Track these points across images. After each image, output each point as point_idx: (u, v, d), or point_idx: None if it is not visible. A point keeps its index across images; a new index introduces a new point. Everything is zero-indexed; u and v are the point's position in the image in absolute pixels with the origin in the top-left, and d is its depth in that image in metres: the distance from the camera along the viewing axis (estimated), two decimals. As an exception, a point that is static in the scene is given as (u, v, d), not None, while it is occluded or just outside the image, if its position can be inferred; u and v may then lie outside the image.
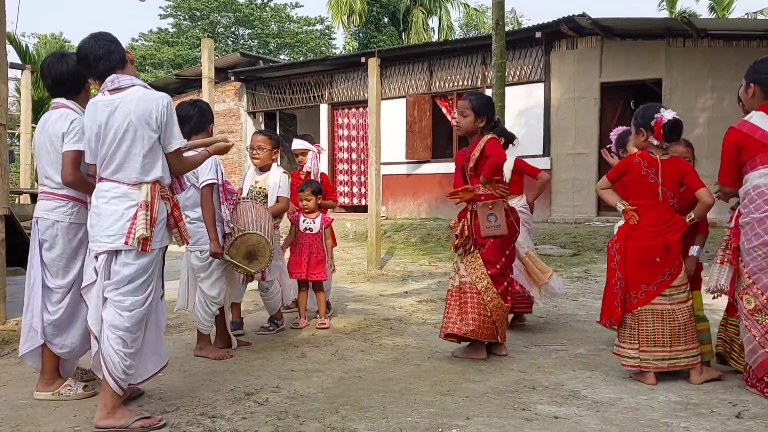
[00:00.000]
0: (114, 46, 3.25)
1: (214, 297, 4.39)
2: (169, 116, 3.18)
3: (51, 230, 3.53)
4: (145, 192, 3.13)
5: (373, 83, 9.26)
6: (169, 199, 3.30)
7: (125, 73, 3.24)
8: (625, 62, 12.50)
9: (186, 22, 35.04)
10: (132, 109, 3.11)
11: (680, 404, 3.52)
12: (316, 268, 5.38)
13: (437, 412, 3.34)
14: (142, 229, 3.07)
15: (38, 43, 24.21)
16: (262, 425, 3.16)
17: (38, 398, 3.52)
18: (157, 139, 3.17)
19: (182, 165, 3.35)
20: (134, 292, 3.13)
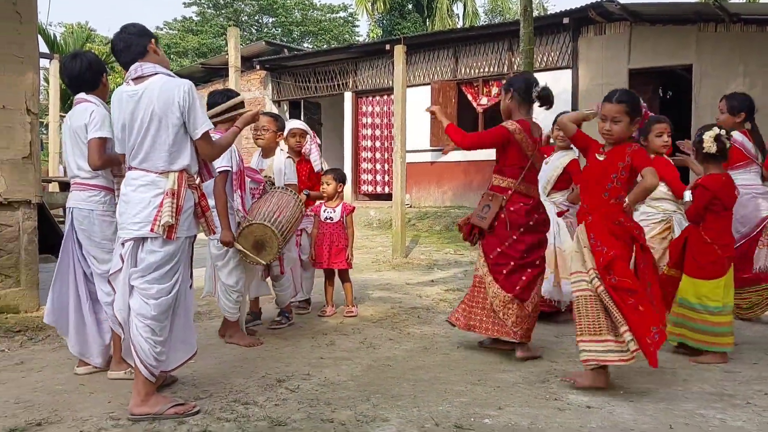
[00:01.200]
0: (134, 38, 3.25)
1: (232, 286, 4.40)
2: (191, 102, 3.16)
3: (88, 219, 3.70)
4: (172, 180, 3.14)
5: (399, 71, 9.21)
6: (197, 188, 3.31)
7: (148, 61, 3.24)
8: (654, 48, 12.29)
9: (210, 11, 35.15)
10: (155, 98, 3.13)
11: (715, 395, 3.47)
12: (338, 257, 5.35)
13: (468, 402, 3.33)
14: (168, 216, 3.08)
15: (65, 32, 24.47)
16: (294, 412, 3.18)
17: (111, 377, 3.69)
18: (183, 126, 3.17)
19: (212, 149, 3.34)
20: (160, 280, 3.14)
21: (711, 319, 4.07)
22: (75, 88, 3.82)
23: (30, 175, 5.28)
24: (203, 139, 3.23)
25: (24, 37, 5.30)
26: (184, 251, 3.25)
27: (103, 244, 3.70)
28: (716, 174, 4.14)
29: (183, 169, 3.19)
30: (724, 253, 4.11)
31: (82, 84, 3.79)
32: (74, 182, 3.76)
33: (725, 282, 4.10)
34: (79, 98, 3.78)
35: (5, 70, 5.15)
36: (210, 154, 3.35)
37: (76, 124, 3.71)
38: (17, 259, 5.22)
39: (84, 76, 3.77)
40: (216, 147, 3.39)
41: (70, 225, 3.77)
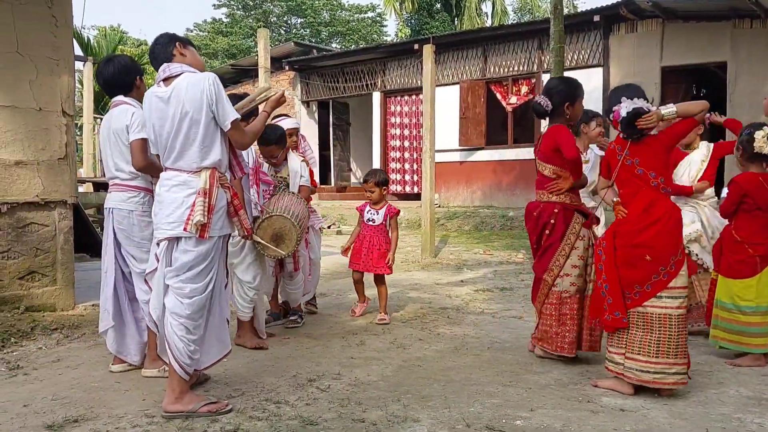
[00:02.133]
0: (160, 48, 3.34)
1: (250, 282, 4.36)
2: (218, 93, 3.18)
3: (128, 220, 3.77)
4: (204, 179, 3.16)
5: (428, 70, 9.19)
6: (229, 188, 3.32)
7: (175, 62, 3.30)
8: (687, 45, 12.09)
9: (239, 12, 35.45)
10: (183, 98, 3.16)
11: (753, 399, 3.40)
12: (379, 261, 5.20)
13: (500, 403, 3.31)
14: (200, 215, 3.10)
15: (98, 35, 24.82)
16: (325, 411, 3.19)
17: (146, 375, 3.75)
18: (213, 119, 3.19)
19: (244, 136, 3.35)
20: (194, 279, 3.17)
21: (743, 319, 4.01)
22: (110, 91, 3.89)
23: (66, 176, 5.38)
24: (234, 128, 3.24)
25: (59, 40, 5.39)
26: (218, 250, 3.27)
27: (143, 243, 3.75)
28: (752, 173, 4.07)
29: (214, 165, 3.21)
30: (755, 252, 4.03)
31: (117, 87, 3.86)
32: (113, 183, 3.83)
33: (758, 282, 4.02)
34: (117, 101, 3.84)
35: (42, 73, 5.26)
36: (242, 142, 3.37)
37: (116, 125, 3.76)
38: (54, 259, 5.32)
39: (118, 79, 3.84)
40: (248, 134, 3.41)
41: (110, 225, 3.82)
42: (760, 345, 3.99)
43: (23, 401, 3.35)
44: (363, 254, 5.25)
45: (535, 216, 4.10)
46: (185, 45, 3.39)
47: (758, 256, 4.02)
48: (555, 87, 4.14)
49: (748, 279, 4.02)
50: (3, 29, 5.09)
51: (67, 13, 5.51)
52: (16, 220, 5.13)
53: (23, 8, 5.18)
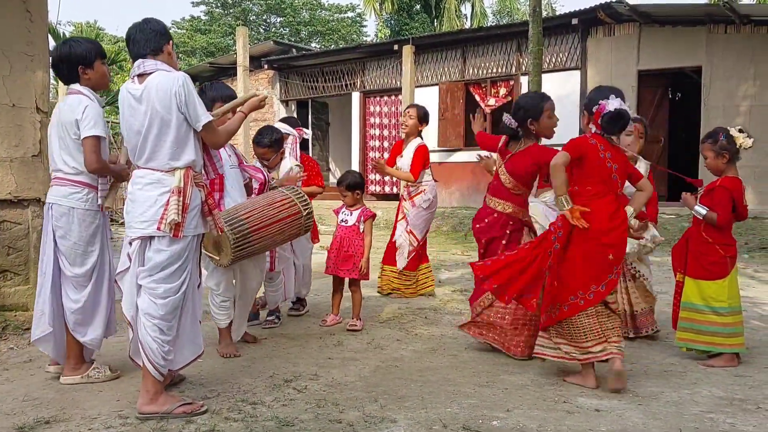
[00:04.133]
0: (153, 34, 3.22)
1: (214, 288, 4.21)
2: (188, 94, 3.11)
3: (66, 217, 3.53)
4: (178, 178, 3.12)
5: (407, 71, 9.22)
6: (204, 187, 3.27)
7: (158, 60, 3.22)
8: (663, 49, 12.25)
9: (218, 10, 35.20)
10: (154, 96, 3.10)
11: (725, 399, 3.45)
12: (345, 263, 4.98)
13: (477, 404, 3.32)
14: (174, 214, 3.06)
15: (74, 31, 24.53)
16: (302, 412, 3.17)
17: (66, 383, 3.55)
18: (185, 120, 3.14)
19: (217, 137, 3.28)
20: (167, 279, 3.13)
21: (719, 320, 4.04)
22: (59, 77, 3.65)
23: (39, 174, 5.29)
24: (206, 130, 3.19)
25: (34, 35, 5.30)
26: (191, 250, 3.23)
27: (78, 245, 3.54)
28: (734, 177, 4.10)
29: (188, 165, 3.16)
30: (726, 253, 4.08)
31: (62, 75, 3.60)
32: (56, 177, 3.58)
33: (729, 282, 4.07)
34: (72, 89, 3.60)
35: (15, 69, 5.16)
36: (216, 142, 3.31)
37: (66, 117, 3.51)
38: (27, 257, 5.22)
39: (58, 65, 3.59)
40: (221, 134, 3.32)
41: (49, 223, 3.59)
42: (734, 345, 4.04)
43: (-7, 402, 3.29)
44: (333, 256, 5.05)
45: (486, 223, 4.39)
46: (173, 46, 3.35)
47: (728, 256, 4.06)
48: (516, 106, 4.30)
49: (720, 280, 4.06)
50: (-24, 23, 4.99)
51: (42, 8, 5.41)
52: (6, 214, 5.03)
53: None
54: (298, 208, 4.21)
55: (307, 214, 4.26)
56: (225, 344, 4.25)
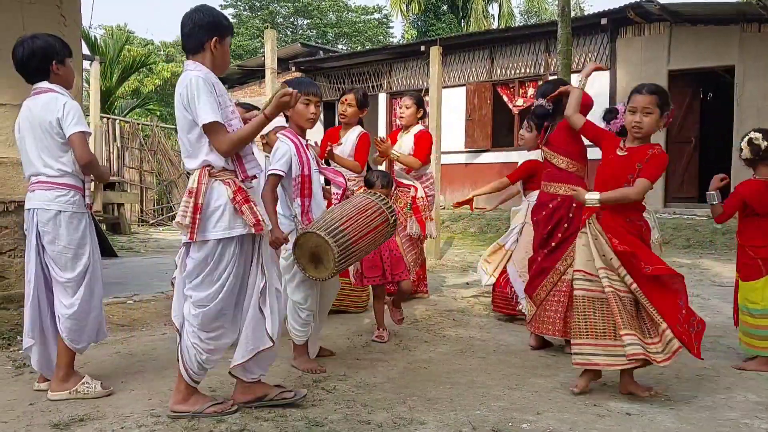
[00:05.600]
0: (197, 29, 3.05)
1: (300, 302, 3.89)
2: (190, 95, 2.95)
3: (53, 221, 3.37)
4: (193, 178, 3.01)
5: (435, 72, 9.19)
6: (231, 183, 3.03)
7: (198, 60, 3.07)
8: (695, 49, 12.06)
9: (246, 13, 35.51)
10: (178, 95, 3.03)
11: (761, 404, 3.39)
12: (398, 266, 4.62)
13: (506, 406, 3.30)
14: (180, 215, 2.95)
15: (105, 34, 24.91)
16: (331, 413, 3.18)
17: (53, 399, 3.33)
18: (193, 121, 2.99)
19: (218, 142, 2.98)
20: (198, 288, 3.04)
21: (752, 322, 4.04)
22: (26, 76, 3.44)
23: (73, 175, 5.38)
24: (207, 132, 2.97)
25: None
26: (223, 255, 3.02)
27: (68, 249, 3.38)
28: (754, 180, 4.12)
29: (205, 164, 3.01)
30: (756, 255, 4.06)
31: (31, 73, 3.41)
32: (37, 181, 3.39)
33: (764, 284, 4.02)
34: (40, 87, 3.40)
35: (50, 72, 5.26)
36: (219, 149, 3.00)
37: (43, 117, 3.32)
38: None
39: (29, 64, 3.38)
40: (225, 142, 2.99)
41: (34, 229, 3.42)
42: (766, 348, 3.99)
43: (29, 400, 3.35)
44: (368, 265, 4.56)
45: (551, 208, 4.30)
46: (222, 41, 3.14)
47: (760, 258, 4.04)
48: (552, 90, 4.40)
49: (754, 282, 4.05)
50: (12, 29, 5.09)
51: (75, 13, 5.53)
52: (23, 218, 5.11)
53: (32, 8, 5.19)
54: (386, 216, 3.81)
55: (393, 222, 3.87)
56: (303, 360, 3.96)
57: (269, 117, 3.08)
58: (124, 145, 15.30)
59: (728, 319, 5.24)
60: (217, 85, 3.03)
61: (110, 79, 18.80)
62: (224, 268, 3.04)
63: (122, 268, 7.85)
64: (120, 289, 5.89)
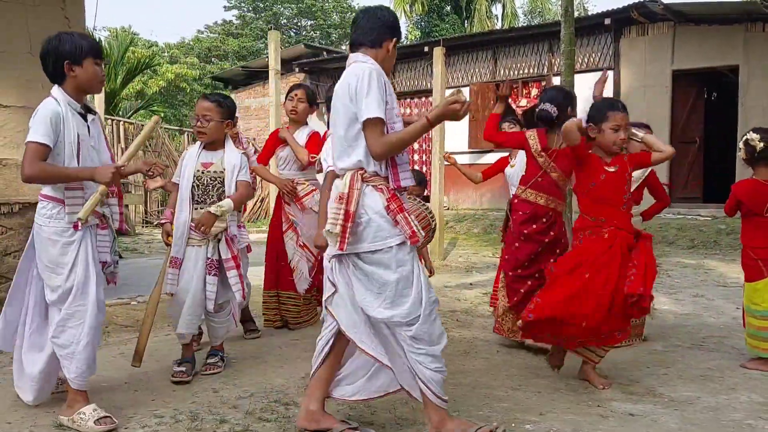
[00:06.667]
0: (377, 28, 2.94)
1: None
2: (359, 87, 2.74)
3: (36, 236, 3.13)
4: (344, 183, 2.78)
5: (438, 73, 9.19)
6: (385, 189, 2.80)
7: (368, 53, 2.92)
8: (699, 49, 12.03)
9: (250, 14, 35.53)
10: (340, 89, 2.86)
11: (764, 405, 3.38)
12: None
13: (510, 407, 3.30)
14: (330, 224, 2.73)
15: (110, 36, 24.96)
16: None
17: (62, 423, 3.08)
18: (355, 116, 2.79)
19: (373, 142, 2.74)
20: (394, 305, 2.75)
21: (756, 323, 4.04)
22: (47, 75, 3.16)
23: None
24: (366, 130, 2.75)
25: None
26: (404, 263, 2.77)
27: (49, 267, 3.07)
28: (750, 179, 4.16)
29: (356, 167, 2.80)
30: (756, 256, 4.06)
31: (46, 72, 3.14)
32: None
33: (765, 285, 4.01)
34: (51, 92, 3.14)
35: (54, 74, 5.28)
36: (373, 150, 2.76)
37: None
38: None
39: (45, 62, 3.11)
40: (382, 142, 2.76)
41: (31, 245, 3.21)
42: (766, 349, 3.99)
43: (34, 400, 3.36)
44: None
45: (544, 223, 4.17)
46: (397, 43, 3.02)
47: (760, 259, 4.04)
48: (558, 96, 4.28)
49: (757, 282, 4.05)
50: (16, 30, 5.12)
51: (79, 15, 5.54)
52: (27, 220, 5.14)
53: (36, 9, 5.21)
54: (428, 221, 3.72)
55: (433, 228, 3.80)
56: None
57: (433, 123, 2.82)
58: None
59: (732, 319, 5.24)
60: (388, 85, 2.86)
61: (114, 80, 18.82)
62: (411, 274, 2.80)
63: (126, 269, 7.85)
64: (124, 290, 5.89)
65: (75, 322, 3.06)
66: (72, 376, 3.08)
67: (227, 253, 3.83)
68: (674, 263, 8.30)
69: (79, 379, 3.08)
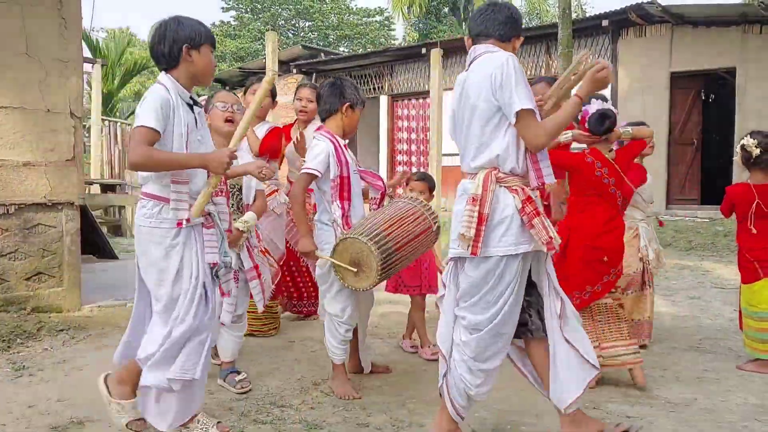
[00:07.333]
0: (497, 24, 2.85)
1: (338, 315, 3.55)
2: (506, 77, 2.64)
3: (138, 238, 2.83)
4: (476, 184, 2.69)
5: (436, 75, 9.18)
6: (520, 190, 2.70)
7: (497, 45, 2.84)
8: (696, 50, 12.05)
9: (247, 15, 35.53)
10: (471, 82, 2.77)
11: (760, 407, 3.38)
12: (435, 279, 4.42)
13: (506, 409, 3.30)
14: (464, 227, 2.65)
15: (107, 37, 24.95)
16: (329, 416, 3.18)
17: None
18: (497, 109, 2.68)
19: (533, 133, 2.65)
20: (473, 309, 2.74)
21: (753, 324, 4.06)
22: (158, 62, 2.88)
23: (73, 178, 5.39)
24: (520, 120, 2.63)
25: (68, 41, 5.41)
26: (506, 273, 2.70)
27: (152, 271, 2.77)
28: (743, 183, 4.21)
29: (491, 165, 2.72)
30: (752, 257, 4.07)
31: (157, 59, 2.85)
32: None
33: (763, 287, 4.02)
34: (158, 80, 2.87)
35: (50, 74, 5.27)
36: (531, 140, 2.67)
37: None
38: (61, 260, 5.33)
39: (159, 46, 2.81)
40: (542, 131, 2.67)
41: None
42: (765, 351, 3.99)
43: (28, 402, 3.35)
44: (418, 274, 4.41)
45: None
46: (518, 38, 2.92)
47: (756, 261, 4.06)
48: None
49: (754, 284, 4.06)
50: (13, 31, 5.11)
51: (76, 15, 5.53)
52: (23, 221, 5.15)
53: (33, 10, 5.21)
54: (428, 223, 3.53)
55: (436, 229, 3.59)
56: (341, 383, 3.59)
57: (583, 99, 2.75)
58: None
59: (729, 321, 5.24)
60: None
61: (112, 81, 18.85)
62: (505, 288, 2.71)
63: (123, 271, 7.84)
64: (120, 292, 5.89)
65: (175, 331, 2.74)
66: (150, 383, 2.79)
67: (249, 263, 3.64)
68: (671, 265, 8.30)
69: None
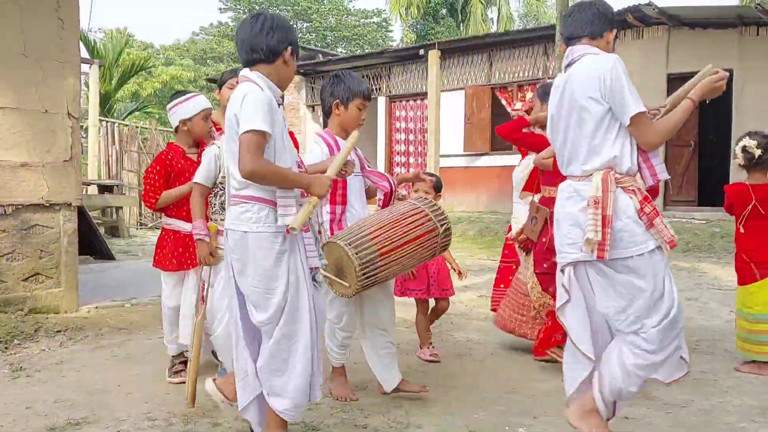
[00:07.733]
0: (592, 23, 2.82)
1: (334, 321, 3.48)
2: (616, 80, 2.63)
3: (241, 245, 2.67)
4: (595, 186, 2.64)
5: (433, 76, 9.21)
6: (637, 191, 2.68)
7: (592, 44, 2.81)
8: (693, 52, 12.05)
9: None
10: (576, 83, 2.72)
11: (757, 408, 3.38)
12: (447, 281, 4.46)
13: (503, 410, 3.30)
14: (591, 231, 2.60)
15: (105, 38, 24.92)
16: (327, 417, 3.18)
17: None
18: (608, 110, 2.67)
19: (648, 134, 2.69)
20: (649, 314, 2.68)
21: (747, 326, 4.06)
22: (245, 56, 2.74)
23: (71, 178, 5.39)
24: (634, 124, 2.65)
25: (66, 42, 5.41)
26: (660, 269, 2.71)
27: (257, 282, 2.64)
28: (740, 183, 4.22)
29: (607, 166, 2.69)
30: (749, 258, 4.08)
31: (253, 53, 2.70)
32: (231, 195, 2.75)
33: (760, 288, 4.03)
34: (242, 76, 2.74)
35: (47, 75, 5.27)
36: (646, 141, 2.70)
37: (229, 115, 2.66)
38: (58, 260, 5.32)
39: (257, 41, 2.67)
40: (655, 132, 2.71)
41: (227, 256, 2.79)
42: (764, 353, 3.99)
43: (26, 403, 3.35)
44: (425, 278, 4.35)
45: None
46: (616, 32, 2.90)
47: (753, 262, 4.06)
48: None
49: (750, 286, 4.07)
50: (10, 31, 5.10)
51: (73, 16, 5.53)
52: (20, 221, 5.14)
53: (30, 10, 5.20)
54: (433, 224, 3.33)
55: (444, 231, 3.38)
56: (338, 384, 3.55)
57: (696, 102, 2.80)
58: (122, 149, 15.29)
59: (726, 323, 5.25)
60: None
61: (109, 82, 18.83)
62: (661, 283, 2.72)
63: (120, 272, 7.84)
64: (117, 293, 5.89)
65: (287, 343, 2.68)
66: (279, 408, 2.70)
67: None
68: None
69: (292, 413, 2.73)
